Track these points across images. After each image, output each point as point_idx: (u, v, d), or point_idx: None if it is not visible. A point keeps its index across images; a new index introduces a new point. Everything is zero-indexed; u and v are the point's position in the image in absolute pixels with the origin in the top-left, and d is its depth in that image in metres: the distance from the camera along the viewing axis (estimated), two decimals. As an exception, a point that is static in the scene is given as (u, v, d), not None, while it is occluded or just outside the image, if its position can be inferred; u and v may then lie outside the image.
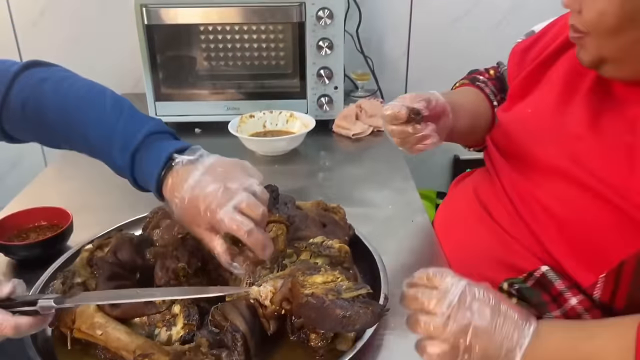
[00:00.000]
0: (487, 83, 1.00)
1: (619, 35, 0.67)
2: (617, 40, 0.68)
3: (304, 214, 0.82)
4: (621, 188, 0.66)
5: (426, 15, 1.60)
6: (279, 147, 1.24)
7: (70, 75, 0.77)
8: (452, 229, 0.90)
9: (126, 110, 0.73)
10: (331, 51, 1.28)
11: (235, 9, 1.26)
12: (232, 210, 0.61)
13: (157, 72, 1.30)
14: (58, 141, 0.76)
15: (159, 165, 0.66)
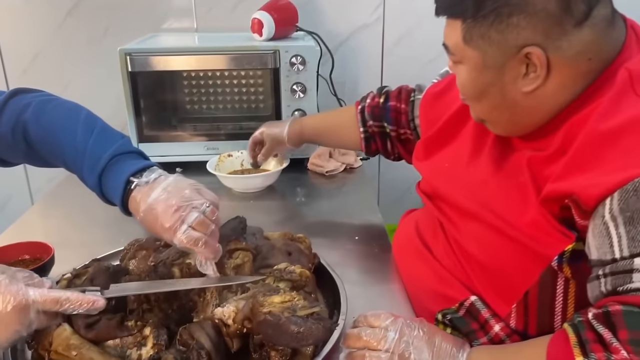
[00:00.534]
0: (364, 108, 1.14)
1: (480, 102, 0.79)
2: (481, 105, 0.79)
3: (271, 243, 0.87)
4: (519, 224, 0.74)
5: (398, 60, 1.71)
6: (254, 184, 1.31)
7: (52, 99, 0.85)
8: (400, 264, 0.98)
9: (96, 131, 0.81)
10: (304, 95, 1.37)
11: (214, 56, 1.35)
12: (187, 229, 0.72)
13: (140, 115, 1.37)
14: (45, 162, 0.84)
15: (120, 187, 0.76)
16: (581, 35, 0.69)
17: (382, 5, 1.65)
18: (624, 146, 0.64)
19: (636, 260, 0.61)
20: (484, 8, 0.69)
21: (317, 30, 1.54)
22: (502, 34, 0.70)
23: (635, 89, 0.68)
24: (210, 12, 1.64)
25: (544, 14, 0.68)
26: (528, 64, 0.71)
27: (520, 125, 0.78)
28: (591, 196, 0.64)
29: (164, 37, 1.58)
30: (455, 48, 0.76)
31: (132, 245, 0.90)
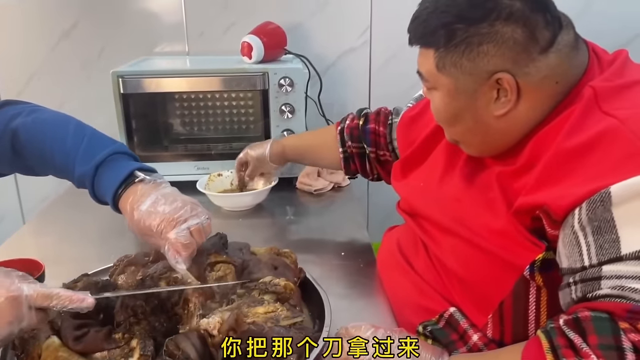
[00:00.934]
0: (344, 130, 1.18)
1: (454, 125, 0.82)
2: (454, 129, 0.83)
3: (257, 258, 0.90)
4: (491, 237, 0.77)
5: (385, 82, 1.75)
6: (243, 203, 1.33)
7: (38, 109, 0.88)
8: (384, 278, 1.00)
9: (87, 136, 0.85)
10: (293, 115, 1.40)
11: (204, 78, 1.39)
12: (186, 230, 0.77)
13: (132, 136, 1.40)
14: (31, 170, 0.87)
15: (120, 179, 0.79)
16: (547, 60, 0.73)
17: (368, 30, 1.70)
18: (591, 160, 0.68)
19: (604, 267, 0.63)
20: (455, 38, 0.74)
21: (306, 53, 1.58)
22: (473, 61, 0.74)
23: (600, 105, 0.71)
24: (201, 36, 1.68)
25: (511, 42, 0.72)
26: (499, 89, 0.75)
27: (493, 146, 0.81)
28: (561, 206, 0.67)
29: (157, 60, 1.62)
30: (428, 75, 0.79)
31: (121, 261, 0.92)
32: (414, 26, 0.79)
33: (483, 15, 0.72)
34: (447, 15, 0.74)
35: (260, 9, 1.64)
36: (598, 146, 0.68)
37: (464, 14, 0.73)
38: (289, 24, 1.61)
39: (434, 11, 0.75)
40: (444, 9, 0.74)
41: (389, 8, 1.67)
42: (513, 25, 0.72)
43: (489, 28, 0.72)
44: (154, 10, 1.66)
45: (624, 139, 0.66)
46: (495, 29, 0.72)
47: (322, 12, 1.68)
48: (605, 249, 0.63)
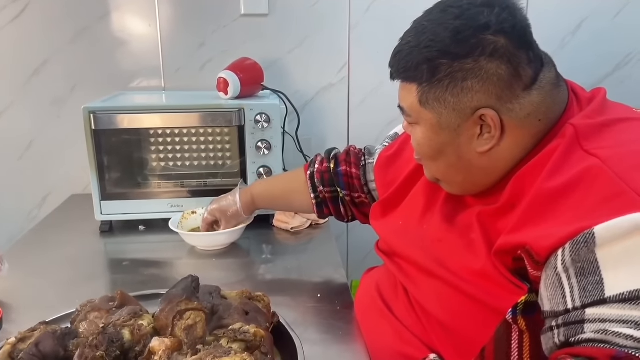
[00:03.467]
0: (314, 175, 1.16)
1: (436, 161, 0.81)
2: (437, 165, 0.81)
3: (228, 303, 0.85)
4: (473, 279, 0.75)
5: (364, 118, 1.74)
6: (218, 242, 1.29)
7: None
8: (361, 323, 0.96)
9: None
10: (269, 151, 1.38)
11: (179, 114, 1.36)
12: None
13: (104, 173, 1.36)
14: None
15: None
16: (530, 98, 0.73)
17: (346, 66, 1.70)
18: (573, 200, 0.66)
19: (587, 310, 0.61)
20: (439, 73, 0.73)
21: (284, 89, 1.57)
22: (457, 97, 0.73)
23: (582, 144, 0.70)
24: (178, 71, 1.66)
25: (495, 79, 0.71)
26: (482, 125, 0.74)
27: (475, 184, 0.80)
28: (543, 247, 0.65)
29: (131, 95, 1.59)
30: (411, 110, 0.78)
31: (85, 306, 0.87)
32: (396, 60, 0.78)
33: (468, 51, 0.71)
34: (430, 50, 0.73)
35: (238, 45, 1.64)
36: (580, 186, 0.66)
37: (448, 49, 0.72)
38: (266, 60, 1.60)
39: (417, 46, 0.74)
40: (428, 44, 0.73)
41: (367, 45, 1.68)
42: (497, 61, 0.71)
43: (473, 64, 0.71)
44: (130, 46, 1.64)
45: (606, 179, 0.65)
46: (480, 64, 0.71)
47: (300, 49, 1.68)
48: (588, 291, 0.61)
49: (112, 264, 1.28)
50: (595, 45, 1.75)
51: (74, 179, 1.67)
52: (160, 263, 1.24)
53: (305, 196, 1.17)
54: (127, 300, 0.86)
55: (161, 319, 0.76)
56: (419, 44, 0.74)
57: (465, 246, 0.77)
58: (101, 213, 1.38)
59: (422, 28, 0.75)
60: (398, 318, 0.88)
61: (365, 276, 1.06)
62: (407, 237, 0.90)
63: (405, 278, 0.88)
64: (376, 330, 0.90)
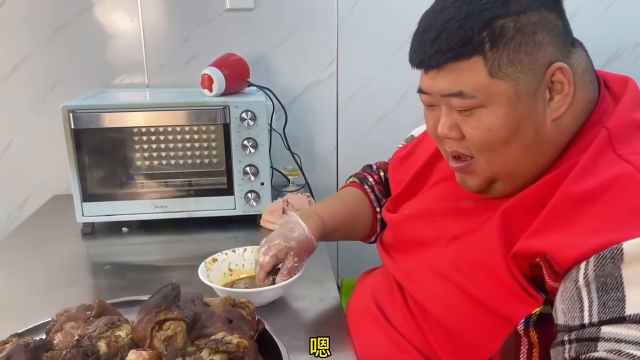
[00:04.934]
0: (373, 187, 1.09)
1: (508, 145, 0.71)
2: (506, 152, 0.71)
3: (211, 310, 0.82)
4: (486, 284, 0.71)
5: (353, 114, 1.71)
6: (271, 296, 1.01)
7: None
8: (353, 330, 0.92)
9: None
10: (255, 150, 1.34)
11: (162, 112, 1.32)
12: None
13: (84, 174, 1.32)
14: None
15: None
16: (578, 53, 0.71)
17: (335, 61, 1.66)
18: (600, 207, 0.63)
19: (603, 328, 0.57)
20: (507, 32, 0.67)
21: (271, 85, 1.53)
22: (531, 54, 0.68)
23: (615, 147, 0.67)
24: (161, 68, 1.62)
25: (557, 30, 0.69)
26: (550, 88, 0.69)
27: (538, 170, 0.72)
28: (565, 258, 0.61)
29: (113, 93, 1.55)
30: (476, 89, 0.69)
31: (60, 315, 0.84)
32: (441, 42, 0.68)
33: (528, 3, 0.67)
34: (490, 12, 0.67)
35: (223, 41, 1.60)
36: (609, 193, 0.63)
37: (508, 6, 0.67)
38: (252, 56, 1.56)
39: (467, 15, 0.67)
40: (484, 7, 0.67)
41: (356, 39, 1.64)
42: (553, 13, 0.69)
43: (538, 15, 0.68)
44: (112, 42, 1.59)
45: (638, 188, 0.61)
46: (543, 15, 0.68)
47: (287, 44, 1.64)
48: (608, 307, 0.58)
49: (94, 268, 1.24)
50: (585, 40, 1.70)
51: (56, 179, 1.63)
52: (143, 267, 1.21)
53: (367, 211, 1.06)
54: (105, 309, 0.82)
55: (139, 330, 0.73)
56: (469, 12, 0.67)
57: (479, 244, 0.73)
58: (83, 215, 1.34)
59: (458, 3, 0.68)
60: (393, 325, 0.84)
61: (360, 280, 1.03)
62: (417, 230, 0.86)
63: (404, 276, 0.84)
64: (369, 337, 0.87)
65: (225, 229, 1.38)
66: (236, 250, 1.09)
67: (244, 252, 1.09)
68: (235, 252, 1.09)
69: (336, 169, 1.76)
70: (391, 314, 0.86)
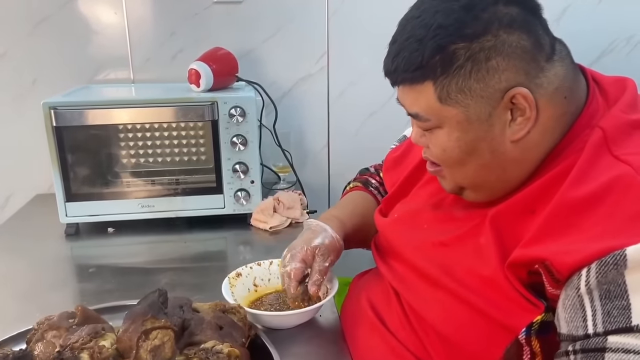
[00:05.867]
0: (378, 189, 1.06)
1: (466, 164, 0.72)
2: (465, 169, 0.72)
3: (200, 317, 0.78)
4: (483, 291, 0.68)
5: (345, 110, 1.67)
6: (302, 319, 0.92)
7: None
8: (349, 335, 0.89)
9: None
10: (245, 147, 1.30)
11: (147, 109, 1.27)
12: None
13: (68, 173, 1.27)
14: None
15: None
16: (554, 69, 0.67)
17: (325, 55, 1.63)
18: (601, 213, 0.60)
19: (610, 338, 0.55)
20: (457, 59, 0.65)
21: (260, 80, 1.49)
22: (482, 81, 0.65)
23: (611, 149, 0.64)
24: (147, 62, 1.57)
25: (520, 51, 0.65)
26: (512, 109, 0.67)
27: (507, 183, 0.72)
28: (566, 264, 0.59)
29: (97, 89, 1.50)
30: (429, 112, 0.69)
31: (42, 324, 0.80)
32: (397, 63, 0.69)
33: (484, 27, 0.64)
34: (442, 37, 0.65)
35: (210, 35, 1.55)
36: (609, 196, 0.60)
37: (462, 30, 0.64)
38: (240, 50, 1.52)
39: (422, 38, 0.66)
40: (436, 32, 0.65)
41: (347, 33, 1.61)
42: (517, 32, 0.65)
43: (494, 40, 0.64)
44: (95, 36, 1.54)
45: (639, 190, 0.59)
46: (501, 39, 0.64)
47: (276, 37, 1.60)
48: (613, 316, 0.55)
49: (78, 270, 1.19)
50: (578, 33, 1.69)
51: (38, 178, 1.58)
52: (129, 269, 1.16)
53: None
54: (89, 316, 0.78)
55: (124, 340, 0.69)
56: (424, 35, 0.66)
57: (472, 252, 0.71)
58: (66, 215, 1.29)
59: (421, 19, 0.67)
60: (390, 330, 0.80)
61: (354, 283, 0.99)
62: (405, 236, 0.83)
63: (399, 283, 0.81)
64: (365, 344, 0.83)
65: (214, 229, 1.34)
66: (261, 263, 1.02)
67: (270, 265, 1.02)
68: (261, 265, 1.01)
69: (327, 166, 1.73)
70: (388, 319, 0.82)
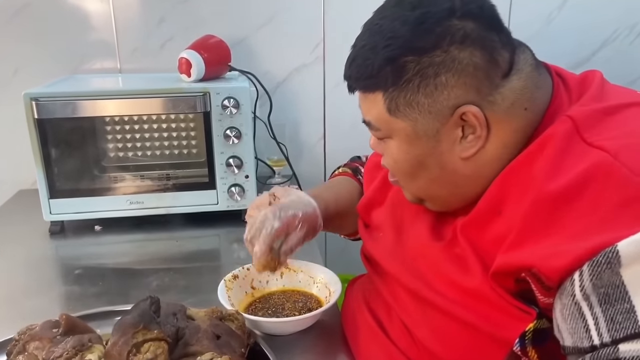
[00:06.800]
0: None
1: (416, 178, 0.70)
2: (417, 182, 0.71)
3: (196, 325, 0.73)
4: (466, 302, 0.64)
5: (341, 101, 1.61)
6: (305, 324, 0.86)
7: None
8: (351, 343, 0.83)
9: None
10: (239, 140, 1.24)
11: (135, 100, 1.20)
12: None
13: (51, 168, 1.20)
14: None
15: None
16: (511, 84, 0.63)
17: (321, 44, 1.56)
18: (583, 205, 0.55)
19: (621, 347, 0.50)
20: (406, 72, 0.62)
21: (253, 70, 1.43)
22: (430, 97, 0.63)
23: (584, 136, 0.60)
24: (135, 52, 1.50)
25: (471, 69, 0.61)
26: (464, 126, 0.64)
27: (462, 197, 0.69)
28: (554, 269, 0.54)
29: (82, 79, 1.42)
30: (379, 122, 0.68)
31: (23, 334, 0.74)
32: (352, 69, 0.68)
33: (435, 41, 0.61)
34: (392, 49, 0.62)
35: (201, 22, 1.48)
36: (589, 187, 0.55)
37: (412, 43, 0.62)
38: (232, 38, 1.45)
39: (374, 47, 0.64)
40: (387, 43, 0.63)
41: (343, 21, 1.54)
42: (470, 48, 0.61)
43: (444, 55, 0.61)
44: (80, 23, 1.46)
45: (620, 177, 0.54)
46: (452, 55, 0.61)
47: (270, 25, 1.53)
48: (618, 322, 0.50)
49: (63, 272, 1.13)
50: (581, 21, 1.66)
51: (21, 173, 1.50)
52: (118, 271, 1.10)
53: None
54: (74, 325, 0.72)
55: (113, 354, 0.63)
56: (376, 45, 0.64)
57: (450, 263, 0.67)
58: (50, 212, 1.23)
59: (377, 27, 0.65)
60: (393, 341, 0.75)
61: (350, 287, 0.94)
62: (387, 250, 0.79)
63: (392, 297, 0.77)
64: (368, 353, 0.78)
65: (207, 226, 1.28)
66: None
67: None
68: None
69: (323, 159, 1.67)
70: (389, 328, 0.78)
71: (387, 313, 0.78)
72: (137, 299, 0.68)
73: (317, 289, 0.92)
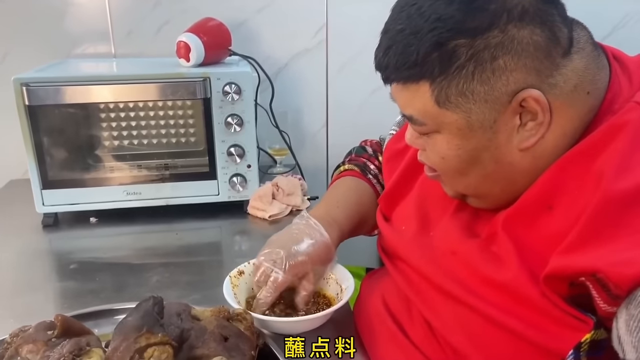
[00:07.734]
0: (378, 177, 0.95)
1: (466, 174, 0.65)
2: (467, 179, 0.65)
3: (202, 327, 0.68)
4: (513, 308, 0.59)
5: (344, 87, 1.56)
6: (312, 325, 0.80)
7: None
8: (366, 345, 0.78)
9: None
10: (241, 128, 1.18)
11: (131, 86, 1.14)
12: None
13: (43, 157, 1.15)
14: None
15: None
16: (573, 64, 0.58)
17: (324, 28, 1.50)
18: None
19: None
20: (458, 58, 0.56)
21: (254, 54, 1.37)
22: (487, 83, 0.57)
23: None
24: (129, 35, 1.44)
25: (532, 48, 0.56)
26: (521, 114, 0.58)
27: (514, 193, 0.64)
28: (625, 276, 0.49)
29: (75, 63, 1.36)
30: (425, 116, 0.62)
31: (16, 336, 0.69)
32: (390, 57, 0.60)
33: (490, 20, 0.55)
34: (440, 32, 0.56)
35: (199, 5, 1.42)
36: None
37: (464, 24, 0.55)
38: (232, 22, 1.39)
39: (417, 32, 0.57)
40: (433, 25, 0.56)
41: (347, 3, 1.49)
42: (530, 25, 0.55)
43: (501, 35, 0.55)
44: (72, 6, 1.40)
45: None
46: (510, 34, 0.55)
47: (271, 8, 1.47)
48: None
49: (58, 267, 1.07)
50: (591, 6, 1.60)
51: (12, 162, 1.44)
52: (116, 265, 1.05)
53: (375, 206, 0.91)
54: (70, 327, 0.67)
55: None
56: (419, 29, 0.57)
57: (487, 262, 0.62)
58: (43, 204, 1.17)
59: (415, 9, 0.58)
60: (413, 342, 0.71)
61: (366, 284, 0.88)
62: (412, 244, 0.74)
63: (415, 295, 0.72)
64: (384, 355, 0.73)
65: (208, 218, 1.23)
66: None
67: None
68: None
69: (326, 147, 1.62)
70: (410, 330, 0.73)
71: (408, 312, 0.73)
72: (136, 296, 0.63)
73: (327, 285, 0.87)
